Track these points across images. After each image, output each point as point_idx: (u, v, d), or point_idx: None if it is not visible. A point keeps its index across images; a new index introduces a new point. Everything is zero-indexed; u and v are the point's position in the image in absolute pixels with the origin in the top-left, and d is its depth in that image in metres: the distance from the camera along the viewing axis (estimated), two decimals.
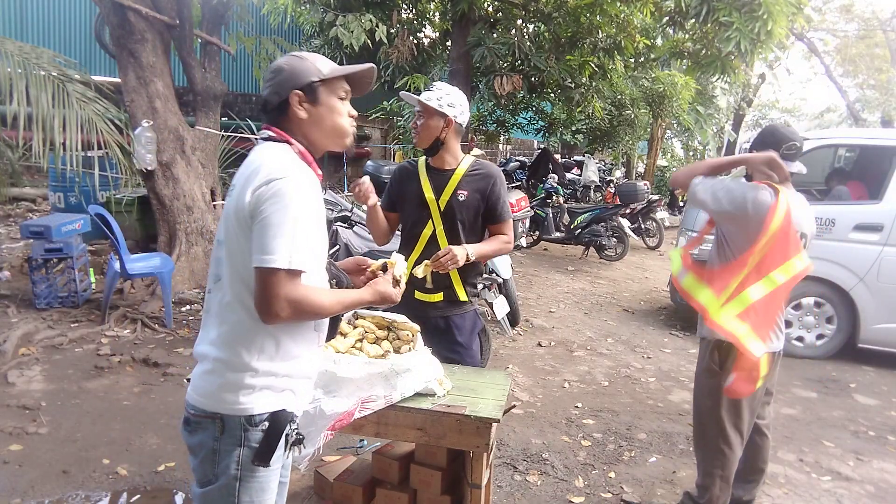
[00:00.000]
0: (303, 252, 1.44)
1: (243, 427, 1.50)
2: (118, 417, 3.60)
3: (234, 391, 1.50)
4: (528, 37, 8.40)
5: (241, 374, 1.50)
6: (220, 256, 1.55)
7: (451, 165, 2.62)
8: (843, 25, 23.03)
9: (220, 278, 1.55)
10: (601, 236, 9.22)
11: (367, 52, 8.76)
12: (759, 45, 6.73)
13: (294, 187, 1.46)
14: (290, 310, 1.43)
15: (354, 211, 4.88)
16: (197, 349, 1.60)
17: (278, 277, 1.41)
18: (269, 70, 1.64)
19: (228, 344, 1.51)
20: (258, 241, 1.43)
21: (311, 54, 1.66)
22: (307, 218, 1.48)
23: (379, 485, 2.50)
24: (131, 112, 5.71)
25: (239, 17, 7.66)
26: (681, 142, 18.83)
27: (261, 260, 1.41)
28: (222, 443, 1.51)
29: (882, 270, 5.10)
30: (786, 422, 4.15)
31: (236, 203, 1.49)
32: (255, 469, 1.52)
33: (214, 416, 1.51)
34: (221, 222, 1.58)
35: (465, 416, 2.01)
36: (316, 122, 1.62)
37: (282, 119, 1.61)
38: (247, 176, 1.50)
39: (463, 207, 2.58)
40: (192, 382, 1.58)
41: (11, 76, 4.88)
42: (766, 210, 2.45)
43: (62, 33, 10.88)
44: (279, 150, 1.57)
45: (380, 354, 2.16)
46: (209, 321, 1.58)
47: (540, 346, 5.37)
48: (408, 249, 2.64)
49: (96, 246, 6.67)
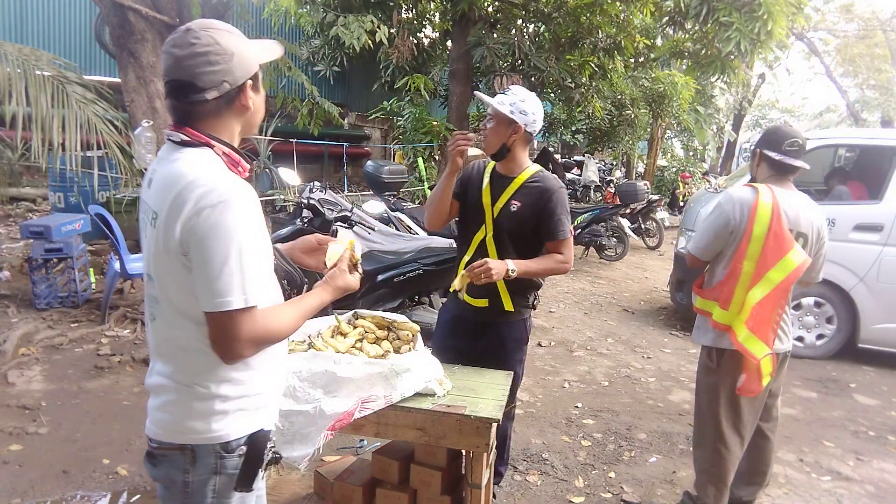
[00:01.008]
0: (255, 283, 1.28)
1: (218, 455, 1.37)
2: (118, 417, 3.60)
3: (204, 419, 1.36)
4: (528, 37, 8.41)
5: (210, 402, 1.36)
6: (153, 294, 1.37)
7: (514, 173, 2.57)
8: (843, 25, 23.04)
9: (156, 318, 1.39)
10: (601, 236, 9.22)
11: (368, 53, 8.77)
12: (759, 45, 6.73)
13: (232, 212, 1.25)
14: (253, 348, 1.31)
15: (354, 211, 4.88)
16: (149, 381, 1.44)
17: (235, 319, 1.26)
18: (204, 50, 1.30)
19: (188, 377, 1.37)
20: (204, 282, 1.25)
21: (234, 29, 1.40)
22: (252, 241, 1.29)
23: (379, 485, 2.50)
24: (131, 112, 5.71)
25: (239, 17, 7.66)
26: (681, 142, 18.84)
27: (213, 304, 1.25)
28: (194, 474, 1.37)
29: (882, 270, 5.10)
30: (786, 422, 4.15)
31: (165, 236, 1.27)
32: (232, 495, 1.41)
33: (183, 448, 1.37)
34: (147, 255, 1.36)
35: (465, 416, 2.01)
36: (255, 114, 1.43)
37: (204, 111, 1.34)
38: (171, 202, 1.26)
39: (514, 218, 2.50)
40: (150, 415, 1.42)
41: (11, 77, 4.88)
42: (750, 209, 2.48)
43: (62, 34, 10.88)
44: (200, 158, 1.32)
45: (380, 354, 2.16)
46: (158, 356, 1.42)
47: (540, 346, 5.37)
48: (461, 250, 2.66)
49: (96, 246, 6.66)
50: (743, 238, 2.48)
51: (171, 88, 1.34)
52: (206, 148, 1.34)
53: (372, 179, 6.67)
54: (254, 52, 1.38)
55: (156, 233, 1.30)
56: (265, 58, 1.42)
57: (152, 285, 1.36)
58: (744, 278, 2.48)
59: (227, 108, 1.36)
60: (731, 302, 2.50)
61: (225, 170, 1.33)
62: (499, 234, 2.54)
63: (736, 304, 2.49)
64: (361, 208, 5.50)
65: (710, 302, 2.59)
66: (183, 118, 1.35)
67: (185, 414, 1.37)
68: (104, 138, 5.24)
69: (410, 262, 4.59)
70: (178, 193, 1.25)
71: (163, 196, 1.29)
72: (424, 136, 9.48)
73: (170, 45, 1.32)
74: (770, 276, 2.45)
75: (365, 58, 9.72)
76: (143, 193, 1.40)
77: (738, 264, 2.49)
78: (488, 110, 2.54)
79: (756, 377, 2.51)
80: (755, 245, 2.46)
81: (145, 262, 1.38)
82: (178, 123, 1.35)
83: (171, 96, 1.35)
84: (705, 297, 2.63)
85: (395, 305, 4.59)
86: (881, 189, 5.21)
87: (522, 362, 2.77)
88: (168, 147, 1.37)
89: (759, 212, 2.46)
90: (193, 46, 1.29)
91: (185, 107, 1.34)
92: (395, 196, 6.72)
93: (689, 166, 16.60)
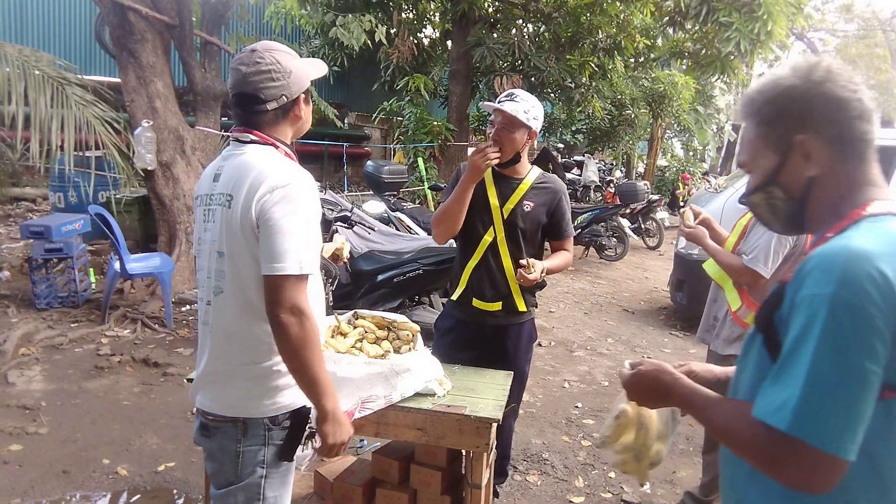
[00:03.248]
0: (311, 255, 1.47)
1: (267, 427, 1.54)
2: (118, 417, 3.60)
3: (258, 396, 1.53)
4: (528, 37, 8.42)
5: (266, 379, 1.53)
6: (223, 269, 1.53)
7: (520, 175, 2.58)
8: (843, 25, 23.05)
9: (223, 291, 1.53)
10: (601, 236, 9.21)
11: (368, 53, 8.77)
12: (759, 45, 6.74)
13: (301, 191, 1.48)
14: (294, 317, 1.44)
15: (354, 211, 4.88)
16: (207, 364, 1.59)
17: (288, 283, 1.43)
18: (267, 69, 1.53)
19: (246, 353, 1.53)
20: (268, 248, 1.44)
21: (290, 49, 1.63)
22: (312, 219, 1.50)
23: (379, 485, 2.50)
24: (131, 112, 5.71)
25: (239, 17, 7.66)
26: (681, 142, 18.84)
27: (271, 268, 1.43)
28: (245, 444, 1.54)
29: None
30: None
31: (241, 215, 1.47)
32: (279, 465, 1.57)
33: (236, 420, 1.54)
34: (220, 234, 1.53)
35: (465, 416, 2.01)
36: (305, 123, 1.65)
37: (265, 120, 1.56)
38: (248, 185, 1.47)
39: (527, 218, 2.54)
40: (202, 389, 1.59)
41: (10, 78, 4.88)
42: None
43: (62, 34, 10.88)
44: (269, 153, 1.54)
45: (380, 354, 2.16)
46: (216, 334, 1.57)
47: (540, 346, 5.37)
48: (466, 254, 2.60)
49: (96, 246, 6.66)
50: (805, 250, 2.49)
51: (238, 100, 1.57)
52: (271, 147, 1.56)
53: (372, 179, 6.67)
54: (305, 71, 1.60)
55: (230, 213, 1.50)
56: (314, 75, 1.64)
57: (222, 261, 1.53)
58: None
59: (283, 117, 1.58)
60: None
61: (291, 161, 1.56)
62: (511, 235, 2.54)
63: None
64: (361, 208, 5.50)
65: None
66: (246, 125, 1.57)
67: (244, 391, 1.54)
68: (102, 140, 5.24)
69: (410, 262, 4.59)
70: (255, 177, 1.47)
71: (238, 180, 1.50)
72: (426, 136, 9.49)
73: (237, 63, 1.55)
74: None
75: (365, 58, 9.72)
76: (206, 187, 1.61)
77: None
78: (496, 117, 2.47)
79: None
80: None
81: (216, 241, 1.55)
82: (238, 128, 1.59)
83: (237, 106, 1.58)
84: None
85: (395, 305, 4.59)
86: None
87: (531, 361, 2.79)
88: (232, 146, 1.59)
89: None
90: (259, 65, 1.52)
91: (248, 116, 1.56)
92: (395, 196, 6.72)
93: (689, 166, 16.60)
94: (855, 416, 0.89)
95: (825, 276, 0.92)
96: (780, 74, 1.07)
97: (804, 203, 1.07)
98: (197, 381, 1.63)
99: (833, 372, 0.89)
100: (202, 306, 1.62)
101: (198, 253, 1.65)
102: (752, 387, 1.04)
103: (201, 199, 1.62)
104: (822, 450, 0.89)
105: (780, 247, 2.46)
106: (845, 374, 0.89)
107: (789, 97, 1.04)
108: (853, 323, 0.89)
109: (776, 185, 1.09)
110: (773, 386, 0.95)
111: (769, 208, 1.13)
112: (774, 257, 2.45)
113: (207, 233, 1.57)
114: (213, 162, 1.67)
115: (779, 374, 0.95)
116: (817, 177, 1.05)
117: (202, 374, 1.61)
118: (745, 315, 2.58)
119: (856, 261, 0.91)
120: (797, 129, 1.04)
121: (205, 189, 1.61)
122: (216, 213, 1.55)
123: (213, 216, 1.56)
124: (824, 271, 0.92)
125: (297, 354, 1.45)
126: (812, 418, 0.89)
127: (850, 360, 0.89)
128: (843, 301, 0.89)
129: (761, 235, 2.48)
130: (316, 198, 1.54)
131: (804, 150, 1.04)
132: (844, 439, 0.89)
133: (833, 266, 0.92)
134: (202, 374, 1.61)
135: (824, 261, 0.94)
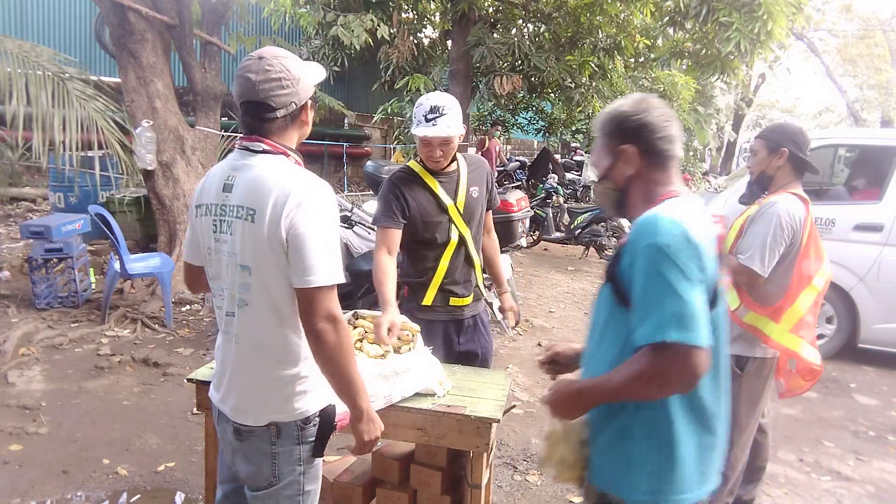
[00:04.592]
0: (338, 263, 1.52)
1: (300, 427, 1.60)
2: (118, 417, 3.60)
3: (288, 401, 1.58)
4: (528, 37, 8.41)
5: (294, 384, 1.58)
6: (248, 283, 1.54)
7: (453, 166, 2.58)
8: (843, 25, 23.04)
9: (248, 303, 1.55)
10: (601, 236, 9.21)
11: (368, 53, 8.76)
12: (759, 45, 6.73)
13: (325, 202, 1.52)
14: (330, 323, 1.49)
15: (354, 211, 4.87)
16: (233, 375, 1.62)
17: (322, 294, 1.48)
18: (277, 76, 1.52)
19: (275, 361, 1.57)
20: (300, 262, 1.47)
21: (295, 56, 1.62)
22: (337, 227, 1.55)
23: (379, 485, 2.50)
24: (131, 112, 5.70)
25: (239, 17, 7.66)
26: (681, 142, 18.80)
27: (305, 281, 1.46)
28: (280, 446, 1.59)
29: (882, 270, 5.10)
30: (786, 422, 4.15)
31: (269, 230, 1.47)
32: (313, 461, 1.65)
33: (269, 425, 1.58)
34: (243, 247, 1.53)
35: (465, 416, 2.01)
36: (308, 128, 1.66)
37: (275, 127, 1.56)
38: (273, 201, 1.47)
39: (477, 204, 2.59)
40: (234, 402, 1.61)
41: (11, 75, 4.88)
42: (803, 219, 2.47)
43: (62, 33, 10.87)
44: (283, 164, 1.55)
45: (380, 354, 2.16)
46: (242, 344, 1.59)
47: (540, 346, 5.37)
48: (433, 261, 2.54)
49: (96, 246, 6.66)
50: (801, 250, 2.49)
51: (247, 109, 1.55)
52: (283, 156, 1.56)
53: (372, 179, 6.64)
54: (311, 76, 1.60)
55: (255, 227, 1.50)
56: (317, 80, 1.63)
57: (247, 274, 1.53)
58: (805, 289, 2.52)
59: (291, 123, 1.59)
60: (782, 315, 2.50)
61: (305, 171, 1.56)
62: (469, 224, 2.57)
63: (792, 316, 2.50)
64: (361, 208, 5.50)
65: (763, 318, 2.53)
66: (255, 132, 1.56)
67: (271, 396, 1.58)
68: (105, 136, 5.24)
69: None
70: (279, 191, 1.48)
71: (259, 195, 1.50)
72: None
73: (245, 70, 1.52)
74: (815, 282, 2.52)
75: (365, 58, 9.70)
76: (214, 196, 1.58)
77: (800, 275, 2.50)
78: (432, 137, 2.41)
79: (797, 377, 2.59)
80: (807, 254, 2.50)
81: (239, 253, 1.54)
82: (246, 136, 1.57)
83: (246, 115, 1.56)
84: (760, 313, 2.55)
85: None
86: (881, 189, 5.22)
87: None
88: (240, 154, 1.58)
89: (809, 219, 2.48)
90: (268, 73, 1.51)
91: (258, 123, 1.55)
92: None
93: (689, 166, 16.60)
94: (699, 315, 1.26)
95: (649, 232, 1.32)
96: (620, 104, 1.53)
97: (625, 193, 1.52)
98: (224, 393, 1.65)
99: (677, 289, 1.26)
100: (222, 317, 1.63)
101: (208, 263, 1.65)
102: (605, 321, 1.47)
103: (209, 208, 1.60)
104: (691, 344, 1.24)
105: (776, 245, 2.44)
106: (684, 288, 1.27)
107: (621, 119, 1.49)
108: (674, 255, 1.28)
109: (609, 179, 1.54)
110: (642, 318, 1.29)
111: (604, 196, 1.58)
112: (770, 255, 2.44)
113: (223, 244, 1.57)
114: (219, 168, 1.64)
115: (642, 307, 1.30)
116: (633, 175, 1.49)
117: (229, 385, 1.64)
118: (744, 314, 2.57)
119: (664, 219, 1.33)
120: (623, 141, 1.48)
121: (213, 198, 1.59)
122: (234, 226, 1.54)
123: (231, 229, 1.55)
124: (648, 229, 1.33)
125: (334, 359, 1.50)
126: (677, 324, 1.24)
127: (683, 278, 1.27)
128: (664, 243, 1.29)
129: (757, 235, 2.47)
130: (335, 204, 1.57)
131: (625, 156, 1.48)
132: (701, 331, 1.25)
133: (652, 225, 1.33)
134: (229, 385, 1.64)
135: (646, 224, 1.35)
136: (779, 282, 2.51)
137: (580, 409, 1.45)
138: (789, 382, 2.72)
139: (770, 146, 2.57)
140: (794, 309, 2.51)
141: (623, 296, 1.37)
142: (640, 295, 1.31)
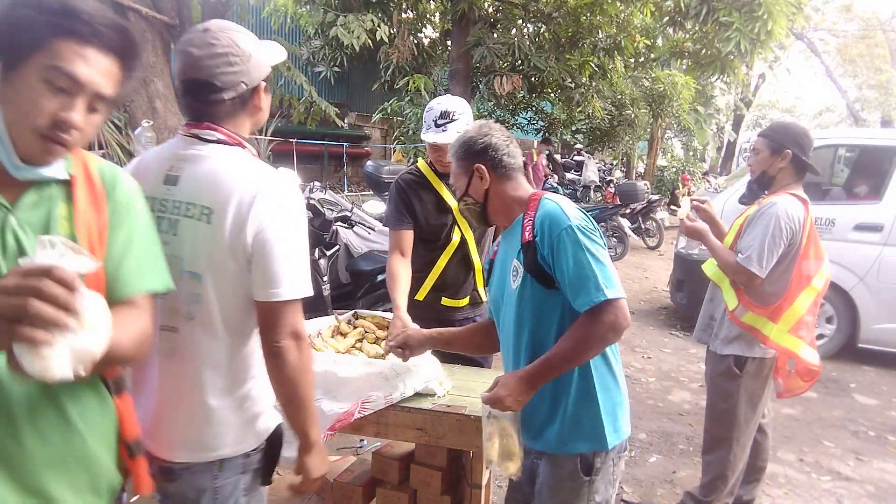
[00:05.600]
0: (306, 274, 1.34)
1: (245, 455, 1.41)
2: None
3: (236, 430, 1.38)
4: (528, 37, 8.42)
5: (242, 409, 1.39)
6: (198, 293, 1.31)
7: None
8: (843, 25, 23.05)
9: (194, 316, 1.32)
10: None
11: (368, 53, 8.77)
12: (759, 44, 6.73)
13: (292, 202, 1.34)
14: (294, 340, 1.32)
15: (354, 211, 4.88)
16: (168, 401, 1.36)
17: (287, 308, 1.30)
18: (223, 51, 1.30)
19: (222, 381, 1.36)
20: (264, 272, 1.28)
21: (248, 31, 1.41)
22: (305, 230, 1.36)
23: (379, 485, 2.50)
24: (131, 112, 5.69)
25: (239, 18, 7.66)
26: (681, 142, 18.85)
27: (269, 294, 1.29)
28: (222, 479, 1.38)
29: (882, 270, 5.10)
30: (786, 422, 4.15)
31: (231, 234, 1.27)
32: (258, 490, 1.47)
33: (212, 462, 1.37)
34: (193, 252, 1.31)
35: (465, 416, 2.01)
36: (264, 114, 1.44)
37: (222, 111, 1.34)
38: (236, 201, 1.27)
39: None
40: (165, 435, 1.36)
41: None
42: (802, 220, 2.47)
43: None
44: (240, 157, 1.35)
45: (380, 354, 2.16)
46: (185, 365, 1.34)
47: None
48: (431, 260, 2.55)
49: None
50: (801, 250, 2.49)
51: (189, 88, 1.33)
52: (238, 147, 1.36)
53: (372, 179, 6.67)
54: (264, 55, 1.40)
55: (211, 230, 1.28)
56: (274, 60, 1.44)
57: (196, 283, 1.31)
58: (804, 289, 2.51)
59: (241, 108, 1.37)
60: (781, 315, 2.50)
61: (265, 165, 1.36)
62: (474, 229, 2.57)
63: (791, 317, 2.50)
64: (361, 208, 5.50)
65: (762, 318, 2.53)
66: (198, 117, 1.35)
67: (214, 426, 1.35)
68: (105, 136, 5.23)
69: None
70: (242, 190, 1.28)
71: (217, 192, 1.29)
72: None
73: (187, 44, 1.32)
74: (814, 283, 2.52)
75: (365, 58, 9.72)
76: (151, 188, 1.32)
77: (799, 275, 2.50)
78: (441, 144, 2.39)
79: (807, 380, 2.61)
80: (807, 255, 2.50)
81: (190, 260, 1.31)
82: (194, 122, 1.35)
83: (187, 95, 1.35)
84: (759, 313, 2.53)
85: None
86: (881, 189, 5.22)
87: None
88: (185, 142, 1.35)
89: (808, 220, 2.48)
90: (213, 47, 1.30)
91: (201, 106, 1.33)
92: None
93: (689, 166, 16.62)
94: (614, 273, 1.52)
95: (558, 220, 1.55)
96: (468, 131, 1.76)
97: (485, 205, 1.74)
98: (151, 425, 1.33)
99: (599, 257, 1.51)
100: (159, 334, 1.33)
101: None
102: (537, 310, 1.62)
103: (155, 203, 1.34)
104: (621, 296, 1.49)
105: (775, 246, 2.43)
106: (602, 254, 1.52)
107: (469, 143, 1.72)
108: (587, 231, 1.54)
109: (468, 195, 1.75)
110: (579, 287, 1.49)
111: (469, 210, 1.80)
112: (769, 256, 2.44)
113: (166, 246, 1.27)
114: (155, 156, 1.40)
115: (576, 279, 1.50)
116: (489, 189, 1.72)
117: (157, 415, 1.35)
118: (742, 314, 2.57)
119: (561, 208, 1.58)
120: (475, 160, 1.71)
121: (149, 190, 1.29)
122: (181, 226, 1.31)
123: (175, 228, 1.31)
124: (556, 219, 1.55)
125: (293, 381, 1.33)
126: (608, 284, 1.48)
127: (599, 247, 1.53)
128: (574, 226, 1.53)
129: (755, 236, 2.47)
130: (302, 201, 1.40)
131: (479, 173, 1.71)
132: (620, 287, 1.51)
133: (553, 215, 1.56)
134: (156, 414, 1.36)
135: (548, 216, 1.57)
136: (778, 282, 2.51)
137: (531, 392, 1.56)
138: (788, 383, 2.72)
139: (773, 147, 2.54)
140: (794, 309, 2.50)
141: (549, 280, 1.57)
142: (572, 270, 1.50)
